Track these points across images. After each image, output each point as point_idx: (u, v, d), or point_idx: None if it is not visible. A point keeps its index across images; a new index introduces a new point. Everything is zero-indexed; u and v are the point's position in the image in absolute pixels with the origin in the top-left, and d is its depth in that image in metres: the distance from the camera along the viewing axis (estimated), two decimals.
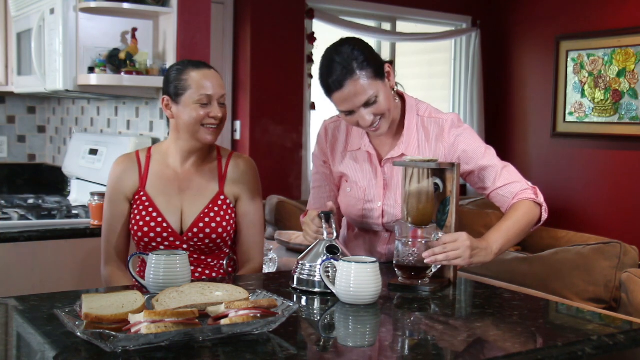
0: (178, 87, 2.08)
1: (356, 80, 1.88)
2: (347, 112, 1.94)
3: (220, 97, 2.10)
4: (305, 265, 1.87)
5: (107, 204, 2.19)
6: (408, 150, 2.05)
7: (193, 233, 2.10)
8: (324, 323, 1.68)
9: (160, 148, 2.21)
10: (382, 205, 2.08)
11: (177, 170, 2.17)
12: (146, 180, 2.15)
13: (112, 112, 3.57)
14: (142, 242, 2.13)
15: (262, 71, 4.93)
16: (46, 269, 2.72)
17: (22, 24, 3.45)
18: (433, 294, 1.87)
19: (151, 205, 2.12)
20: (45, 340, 1.41)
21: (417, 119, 2.08)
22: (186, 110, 2.07)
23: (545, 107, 5.63)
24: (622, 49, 5.07)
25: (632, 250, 3.02)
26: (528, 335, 1.55)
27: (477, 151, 2.03)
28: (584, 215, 5.38)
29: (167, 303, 1.51)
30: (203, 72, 2.09)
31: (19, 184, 4.22)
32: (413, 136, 2.06)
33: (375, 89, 1.91)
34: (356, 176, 2.12)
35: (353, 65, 1.88)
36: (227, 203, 2.15)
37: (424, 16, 5.67)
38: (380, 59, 1.96)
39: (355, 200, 2.11)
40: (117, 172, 2.18)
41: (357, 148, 2.12)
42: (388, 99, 1.95)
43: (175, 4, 2.95)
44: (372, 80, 1.90)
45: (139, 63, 2.95)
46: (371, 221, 2.11)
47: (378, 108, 1.93)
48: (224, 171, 2.18)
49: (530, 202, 1.98)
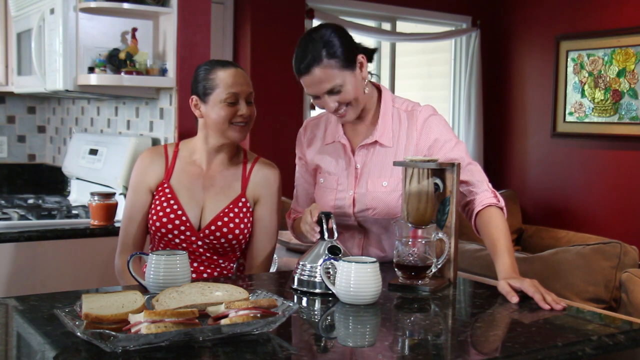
0: (206, 87, 2.12)
1: (322, 69, 1.96)
2: (313, 96, 2.03)
3: (247, 95, 2.16)
4: (305, 266, 1.87)
5: (130, 194, 2.21)
6: (382, 138, 2.09)
7: (210, 230, 2.12)
8: (324, 323, 1.68)
9: (189, 144, 2.24)
10: (353, 194, 2.11)
11: (203, 167, 2.20)
12: (172, 174, 2.19)
13: (112, 112, 3.57)
14: (159, 233, 2.14)
15: (262, 71, 4.93)
16: (46, 269, 2.72)
17: (22, 24, 3.45)
18: (433, 294, 1.87)
19: (173, 197, 2.15)
20: (45, 340, 1.41)
21: (393, 109, 2.12)
22: (214, 109, 2.11)
23: (545, 107, 5.63)
24: (622, 49, 5.07)
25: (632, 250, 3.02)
26: (528, 335, 1.55)
27: (448, 143, 2.06)
28: (584, 215, 5.38)
29: (167, 303, 1.51)
30: (230, 70, 2.14)
31: (19, 184, 4.22)
32: (387, 125, 2.10)
33: (341, 79, 1.97)
34: (329, 166, 2.17)
35: (322, 53, 1.95)
36: (247, 206, 2.18)
37: (424, 16, 5.67)
38: (354, 49, 2.01)
39: (329, 190, 2.16)
40: (145, 163, 2.21)
41: (331, 141, 2.18)
42: (355, 88, 2.01)
43: (175, 4, 2.95)
44: (339, 70, 1.97)
45: (139, 63, 2.95)
46: (343, 211, 2.13)
47: (343, 97, 2.00)
48: (248, 174, 2.21)
49: (498, 210, 1.98)
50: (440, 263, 1.94)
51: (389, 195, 2.08)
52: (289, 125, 5.11)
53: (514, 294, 1.77)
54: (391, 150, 2.10)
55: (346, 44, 1.99)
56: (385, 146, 2.10)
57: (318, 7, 5.16)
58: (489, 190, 2.03)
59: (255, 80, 4.89)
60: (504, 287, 1.80)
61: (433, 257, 1.92)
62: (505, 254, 1.89)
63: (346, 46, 1.99)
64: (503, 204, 2.02)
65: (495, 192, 2.03)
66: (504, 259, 1.89)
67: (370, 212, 2.10)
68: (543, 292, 1.76)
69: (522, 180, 5.82)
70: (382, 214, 2.09)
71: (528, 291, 1.76)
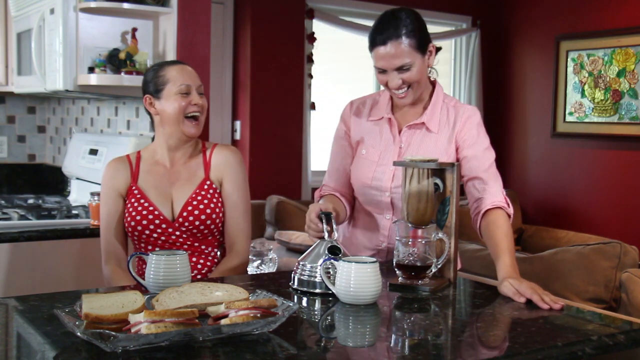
0: (157, 84, 2.21)
1: (399, 44, 2.02)
2: (381, 69, 2.07)
3: (198, 87, 2.23)
4: (306, 266, 1.87)
5: (103, 204, 2.28)
6: (430, 122, 2.15)
7: (183, 217, 2.18)
8: (324, 323, 1.68)
9: (149, 149, 2.32)
10: (393, 169, 2.14)
11: (167, 165, 2.27)
12: (137, 176, 2.25)
13: (112, 112, 3.57)
14: (136, 232, 2.19)
15: (262, 71, 4.93)
16: (46, 269, 2.72)
17: (22, 24, 3.45)
18: (433, 294, 1.87)
19: (143, 197, 2.21)
20: (45, 340, 1.41)
21: (443, 104, 2.19)
22: (168, 103, 2.19)
23: (545, 107, 5.63)
24: (622, 49, 5.07)
25: (632, 250, 3.03)
26: (528, 335, 1.55)
27: (483, 144, 2.13)
28: (584, 215, 5.38)
29: (167, 303, 1.51)
30: (179, 66, 2.24)
31: (19, 184, 4.22)
32: (436, 113, 2.17)
33: (412, 59, 2.04)
34: (374, 140, 2.21)
35: (402, 30, 2.03)
36: (213, 188, 2.25)
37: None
38: (428, 37, 2.10)
39: (369, 162, 2.19)
40: (110, 172, 2.28)
41: (379, 117, 2.22)
42: (420, 72, 2.08)
43: (175, 4, 2.95)
44: (413, 50, 2.04)
45: (139, 63, 2.94)
46: (380, 184, 2.16)
47: (409, 76, 2.06)
48: (209, 159, 2.28)
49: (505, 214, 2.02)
50: (440, 263, 1.93)
51: None
52: (288, 125, 5.11)
53: (519, 294, 1.78)
54: (435, 136, 2.15)
55: (423, 30, 2.09)
56: (430, 131, 2.15)
57: (318, 7, 5.16)
58: (502, 195, 2.07)
59: (255, 80, 4.94)
60: (509, 288, 1.81)
61: (433, 257, 1.92)
62: (506, 254, 1.91)
63: (423, 32, 2.08)
64: (512, 211, 2.05)
65: (507, 199, 2.08)
66: (505, 258, 1.90)
67: None
68: (541, 293, 1.77)
69: (522, 180, 5.82)
70: None
71: (525, 293, 1.77)
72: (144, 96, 2.25)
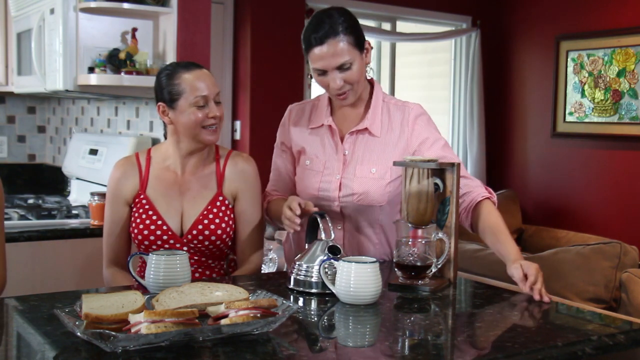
0: (172, 92, 2.04)
1: (337, 42, 1.98)
2: (321, 71, 2.02)
3: (215, 96, 2.06)
4: (302, 266, 1.86)
5: (108, 208, 2.18)
6: (372, 127, 2.12)
7: (192, 235, 2.08)
8: (324, 323, 1.68)
9: (160, 150, 2.19)
10: (340, 178, 2.12)
11: (177, 172, 2.14)
12: (146, 184, 2.13)
13: (112, 112, 3.57)
14: (143, 245, 2.11)
15: (262, 71, 4.92)
16: (46, 269, 2.72)
17: (22, 24, 3.45)
18: (433, 294, 1.87)
19: (151, 208, 2.10)
20: (45, 340, 1.41)
21: (383, 104, 2.16)
22: (184, 115, 2.04)
23: (545, 107, 5.63)
24: (622, 49, 5.07)
25: (632, 250, 3.03)
26: (528, 335, 1.55)
27: (439, 141, 2.11)
28: (584, 215, 5.38)
29: (167, 303, 1.51)
30: (194, 72, 2.05)
31: (19, 184, 4.22)
32: (377, 116, 2.13)
33: (352, 56, 2.00)
34: (316, 150, 2.18)
35: (339, 27, 1.99)
36: (225, 204, 2.13)
37: (424, 16, 5.67)
38: (363, 34, 2.06)
39: (314, 172, 2.16)
40: (117, 175, 2.16)
41: (319, 125, 2.18)
42: (360, 71, 2.05)
43: (175, 4, 2.95)
44: (352, 47, 2.00)
45: (139, 63, 2.94)
46: (327, 194, 2.13)
47: (350, 76, 2.02)
48: (222, 170, 2.16)
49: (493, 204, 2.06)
50: (440, 263, 1.94)
51: (377, 182, 2.10)
52: None
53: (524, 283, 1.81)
54: (379, 141, 2.13)
55: (358, 27, 2.05)
56: (374, 135, 2.13)
57: (318, 7, 5.15)
58: (482, 186, 2.10)
59: (255, 80, 4.93)
60: (519, 272, 1.83)
61: (433, 257, 1.92)
62: (511, 240, 1.96)
63: (358, 29, 2.05)
64: (495, 199, 2.09)
65: (488, 187, 2.10)
66: (513, 243, 1.95)
67: (355, 197, 2.11)
68: (539, 282, 1.80)
69: (522, 180, 5.82)
70: (366, 201, 2.11)
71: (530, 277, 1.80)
72: (157, 103, 2.09)
